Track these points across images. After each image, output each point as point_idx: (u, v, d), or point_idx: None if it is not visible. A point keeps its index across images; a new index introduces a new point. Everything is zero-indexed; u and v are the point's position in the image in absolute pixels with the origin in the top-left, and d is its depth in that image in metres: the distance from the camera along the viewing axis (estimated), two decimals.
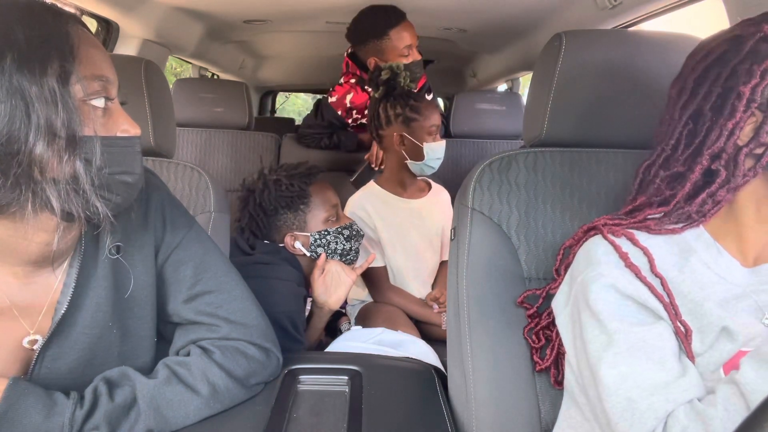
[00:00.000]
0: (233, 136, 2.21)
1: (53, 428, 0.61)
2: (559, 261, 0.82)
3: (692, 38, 0.89)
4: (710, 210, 0.65)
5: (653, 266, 0.65)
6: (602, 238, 0.69)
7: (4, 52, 0.54)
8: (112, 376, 0.69)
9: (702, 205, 0.66)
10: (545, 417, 0.83)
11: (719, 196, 0.64)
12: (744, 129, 0.62)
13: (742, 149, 0.62)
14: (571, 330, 0.70)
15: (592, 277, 0.66)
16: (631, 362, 0.61)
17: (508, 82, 2.97)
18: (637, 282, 0.64)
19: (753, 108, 0.61)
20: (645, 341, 0.62)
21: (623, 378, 0.61)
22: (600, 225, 0.71)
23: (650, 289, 0.63)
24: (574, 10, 1.69)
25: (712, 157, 0.64)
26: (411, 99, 1.58)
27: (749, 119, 0.62)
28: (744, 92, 0.61)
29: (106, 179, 0.61)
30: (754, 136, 0.62)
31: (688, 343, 0.62)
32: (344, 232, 1.33)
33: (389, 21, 1.79)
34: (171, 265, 0.77)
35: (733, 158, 0.63)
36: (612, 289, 0.65)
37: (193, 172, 1.03)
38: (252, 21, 2.17)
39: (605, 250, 0.67)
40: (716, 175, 0.64)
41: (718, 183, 0.64)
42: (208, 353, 0.74)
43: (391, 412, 0.79)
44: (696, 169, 0.65)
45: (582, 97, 0.89)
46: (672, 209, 0.68)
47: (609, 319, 0.64)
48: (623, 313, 0.64)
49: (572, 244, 0.77)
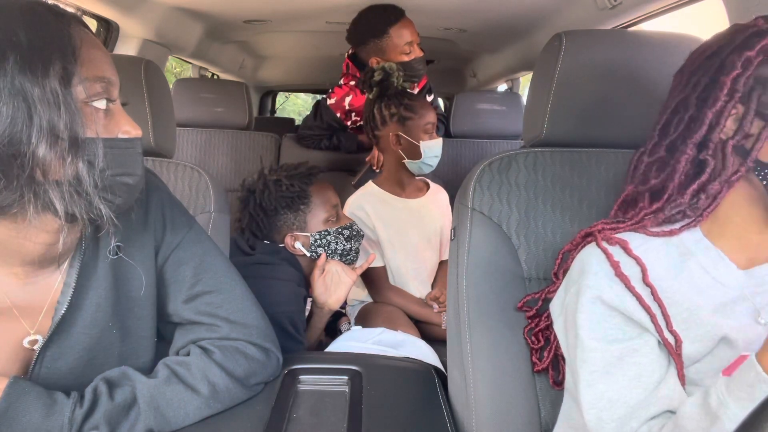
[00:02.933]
0: (233, 136, 2.21)
1: (53, 427, 0.61)
2: (557, 265, 0.82)
3: (692, 38, 0.89)
4: (706, 206, 0.65)
5: (645, 276, 0.65)
6: (596, 246, 0.69)
7: (6, 54, 0.53)
8: (112, 376, 0.69)
9: (694, 197, 0.65)
10: (545, 417, 0.83)
11: (713, 189, 0.64)
12: (727, 121, 0.62)
13: (728, 141, 0.62)
14: (564, 337, 0.71)
15: (582, 289, 0.66)
16: (606, 381, 0.63)
17: (508, 82, 2.97)
18: (625, 293, 0.64)
19: (736, 98, 0.61)
20: (621, 359, 0.64)
21: (597, 397, 0.64)
22: (596, 231, 0.71)
23: (638, 299, 0.64)
24: (574, 10, 1.69)
25: (696, 146, 0.64)
26: (405, 98, 1.58)
27: (732, 111, 0.62)
28: (725, 82, 0.61)
29: (108, 181, 0.61)
30: (738, 128, 0.62)
31: (677, 354, 0.63)
32: (344, 232, 1.33)
33: (388, 19, 1.79)
34: (171, 265, 0.77)
35: (721, 150, 0.63)
36: (598, 302, 0.65)
37: (193, 172, 1.03)
38: (252, 21, 2.17)
39: (598, 260, 0.67)
40: (706, 165, 0.64)
41: (707, 173, 0.64)
42: (208, 353, 0.74)
43: (391, 412, 0.79)
44: (682, 159, 0.65)
45: (582, 97, 0.89)
46: (665, 203, 0.68)
47: (588, 336, 0.65)
48: (605, 328, 0.65)
49: (571, 249, 0.77)
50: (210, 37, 2.32)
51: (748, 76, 0.60)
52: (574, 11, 1.70)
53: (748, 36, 0.62)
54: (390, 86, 1.62)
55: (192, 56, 2.42)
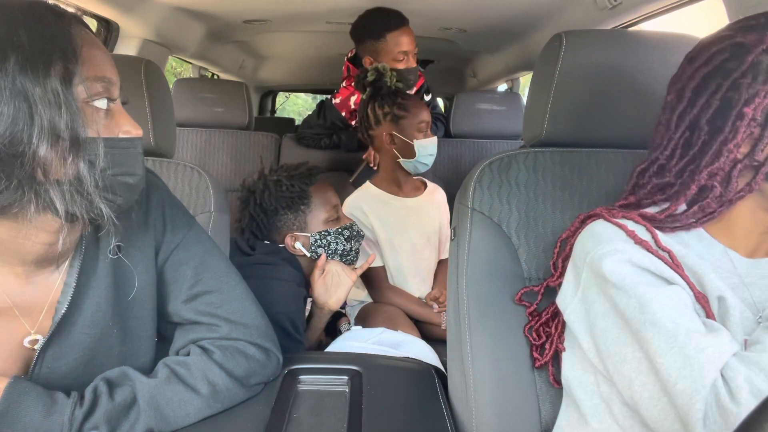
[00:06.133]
0: (233, 136, 2.21)
1: (53, 427, 0.61)
2: (556, 254, 0.81)
3: (692, 38, 0.89)
4: (701, 219, 0.66)
5: (658, 241, 0.64)
6: (605, 221, 0.68)
7: (7, 54, 0.53)
8: (112, 376, 0.69)
9: (693, 216, 0.66)
10: (545, 417, 0.83)
11: (710, 208, 0.64)
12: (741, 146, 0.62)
13: (737, 165, 0.62)
14: (584, 316, 0.68)
15: (605, 254, 0.65)
16: (673, 317, 0.59)
17: (508, 82, 2.97)
18: (650, 255, 0.63)
19: (753, 126, 0.60)
20: (680, 298, 0.61)
21: (672, 335, 0.58)
22: (601, 212, 0.71)
23: (663, 261, 0.63)
24: (574, 10, 1.69)
25: (710, 175, 0.64)
26: (398, 97, 1.58)
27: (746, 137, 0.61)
28: (747, 113, 0.60)
29: (109, 180, 0.61)
30: (749, 151, 0.61)
31: (709, 306, 0.62)
32: (344, 232, 1.33)
33: (388, 24, 1.83)
34: (171, 265, 0.77)
35: (728, 174, 0.63)
36: (628, 264, 0.64)
37: (193, 172, 1.03)
38: (252, 21, 2.17)
39: (613, 230, 0.67)
40: (710, 191, 0.64)
41: (710, 198, 0.64)
42: (208, 353, 0.74)
43: (391, 412, 0.79)
44: (692, 186, 0.65)
45: (582, 97, 0.89)
46: (666, 217, 0.68)
47: (634, 285, 0.62)
48: (645, 281, 0.62)
49: (569, 235, 0.77)
50: (210, 37, 2.32)
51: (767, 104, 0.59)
52: (574, 11, 1.70)
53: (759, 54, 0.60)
54: (383, 86, 1.62)
55: (192, 56, 2.42)
